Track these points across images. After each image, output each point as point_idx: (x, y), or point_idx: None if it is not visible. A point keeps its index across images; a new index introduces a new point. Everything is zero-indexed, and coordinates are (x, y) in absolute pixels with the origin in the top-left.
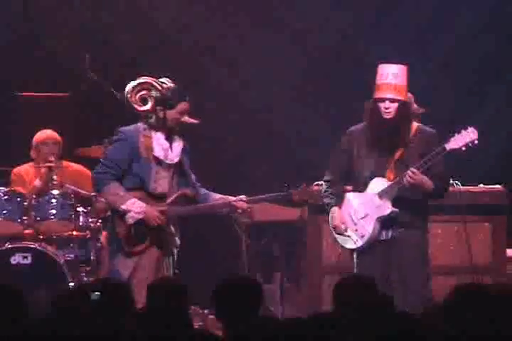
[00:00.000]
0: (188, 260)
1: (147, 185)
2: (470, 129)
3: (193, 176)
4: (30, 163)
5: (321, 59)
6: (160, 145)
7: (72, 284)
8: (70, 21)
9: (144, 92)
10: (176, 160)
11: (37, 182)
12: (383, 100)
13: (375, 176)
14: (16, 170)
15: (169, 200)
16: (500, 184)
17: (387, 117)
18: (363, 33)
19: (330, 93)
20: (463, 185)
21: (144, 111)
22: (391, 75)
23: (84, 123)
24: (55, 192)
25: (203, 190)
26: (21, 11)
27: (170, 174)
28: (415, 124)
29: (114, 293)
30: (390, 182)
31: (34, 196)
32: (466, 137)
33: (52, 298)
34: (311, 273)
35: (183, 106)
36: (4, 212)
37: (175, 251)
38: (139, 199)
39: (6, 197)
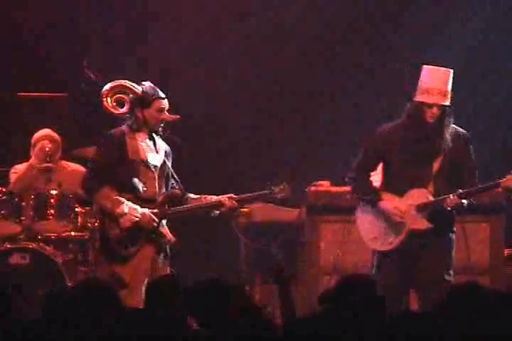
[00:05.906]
0: (188, 260)
1: (136, 188)
2: None
3: (173, 181)
4: (30, 162)
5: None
6: (145, 147)
7: (70, 285)
8: (69, 21)
9: (118, 95)
10: (161, 161)
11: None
12: (432, 105)
13: (414, 186)
14: (14, 168)
15: (159, 202)
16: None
17: (431, 121)
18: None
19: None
20: None
21: (121, 114)
22: (439, 80)
23: (82, 123)
24: (54, 192)
25: (186, 194)
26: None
27: (156, 176)
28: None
29: (101, 294)
30: (432, 198)
31: (32, 196)
32: None
33: (45, 298)
34: (310, 274)
35: (159, 103)
36: (2, 212)
37: (168, 250)
38: (130, 201)
39: (4, 197)
